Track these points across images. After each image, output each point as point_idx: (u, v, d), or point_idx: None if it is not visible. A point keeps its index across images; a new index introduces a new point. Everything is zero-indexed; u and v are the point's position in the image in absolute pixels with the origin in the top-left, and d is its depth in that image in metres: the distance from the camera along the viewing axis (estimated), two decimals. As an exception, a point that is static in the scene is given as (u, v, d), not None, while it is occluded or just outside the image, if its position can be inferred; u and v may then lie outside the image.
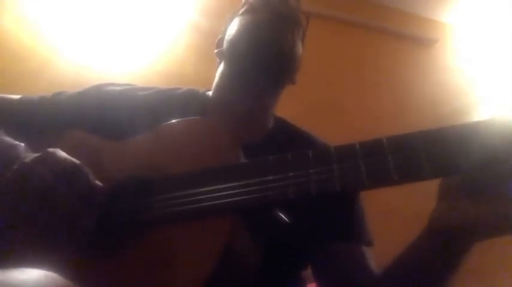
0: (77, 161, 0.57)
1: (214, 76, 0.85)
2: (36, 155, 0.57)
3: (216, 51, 0.84)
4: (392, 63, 2.37)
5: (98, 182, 0.57)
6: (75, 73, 1.79)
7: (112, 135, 0.71)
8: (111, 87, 0.83)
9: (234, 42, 0.77)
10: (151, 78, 1.88)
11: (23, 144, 0.61)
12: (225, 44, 0.80)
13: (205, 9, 2.01)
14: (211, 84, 0.85)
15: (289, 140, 0.81)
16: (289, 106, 0.82)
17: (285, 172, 0.52)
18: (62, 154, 0.57)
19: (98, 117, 0.76)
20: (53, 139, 0.70)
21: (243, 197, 0.53)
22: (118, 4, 1.96)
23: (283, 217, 0.59)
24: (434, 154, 0.46)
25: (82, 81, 0.85)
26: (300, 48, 0.79)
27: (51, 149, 0.57)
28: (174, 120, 0.67)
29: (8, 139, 0.62)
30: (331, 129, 1.08)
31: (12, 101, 0.82)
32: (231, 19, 0.82)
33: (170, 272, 0.52)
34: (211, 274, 0.49)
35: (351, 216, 0.75)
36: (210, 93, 0.84)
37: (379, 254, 0.74)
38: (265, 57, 0.73)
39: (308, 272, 0.79)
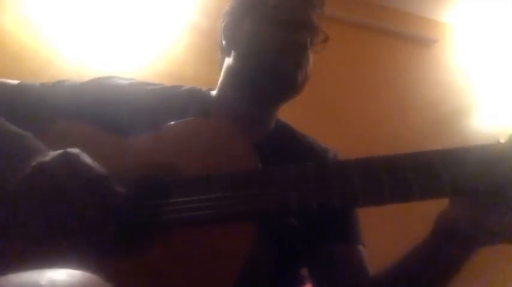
0: (103, 171, 0.54)
1: (214, 76, 0.84)
2: (56, 155, 0.54)
3: (224, 42, 0.80)
4: (392, 63, 2.37)
5: (121, 189, 0.55)
6: (75, 73, 1.79)
7: (111, 129, 0.70)
8: (113, 81, 0.82)
9: (258, 47, 0.75)
10: (151, 78, 1.85)
11: (30, 134, 0.59)
12: (240, 40, 0.77)
13: (205, 9, 2.00)
14: (211, 84, 0.85)
15: (290, 142, 0.81)
16: (289, 107, 0.82)
17: (306, 183, 0.54)
18: (86, 160, 0.54)
19: (98, 110, 0.75)
20: (55, 130, 0.68)
21: (266, 204, 0.54)
22: (118, 4, 1.96)
23: (293, 220, 0.60)
24: (456, 174, 0.49)
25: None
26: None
27: (72, 151, 0.54)
28: (181, 120, 0.66)
29: (14, 128, 0.60)
30: (331, 130, 1.08)
31: (10, 86, 0.78)
32: (246, 12, 0.78)
33: (193, 276, 0.52)
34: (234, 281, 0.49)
35: (348, 217, 0.77)
36: (213, 92, 0.83)
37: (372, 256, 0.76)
38: (286, 78, 0.74)
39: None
